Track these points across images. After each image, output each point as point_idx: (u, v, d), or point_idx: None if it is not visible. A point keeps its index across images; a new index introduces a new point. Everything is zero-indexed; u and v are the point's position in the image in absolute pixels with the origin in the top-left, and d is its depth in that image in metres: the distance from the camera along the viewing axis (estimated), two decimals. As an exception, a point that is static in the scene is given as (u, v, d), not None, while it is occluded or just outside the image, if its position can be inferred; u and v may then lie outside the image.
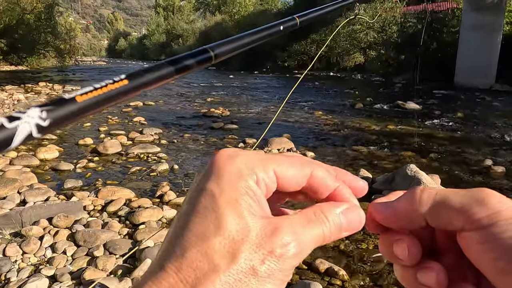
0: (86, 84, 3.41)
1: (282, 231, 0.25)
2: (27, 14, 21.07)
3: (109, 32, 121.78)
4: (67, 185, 3.67)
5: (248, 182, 0.26)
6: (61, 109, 0.22)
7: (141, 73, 0.29)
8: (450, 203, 0.26)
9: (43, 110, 0.21)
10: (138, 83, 0.28)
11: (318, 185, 0.29)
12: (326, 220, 0.27)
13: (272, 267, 0.24)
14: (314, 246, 0.26)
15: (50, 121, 0.21)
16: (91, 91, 0.24)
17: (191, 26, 46.02)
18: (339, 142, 5.65)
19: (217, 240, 0.23)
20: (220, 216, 0.24)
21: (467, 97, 11.16)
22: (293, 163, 0.28)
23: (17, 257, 2.35)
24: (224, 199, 0.25)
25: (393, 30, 19.55)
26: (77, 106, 0.23)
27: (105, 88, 0.25)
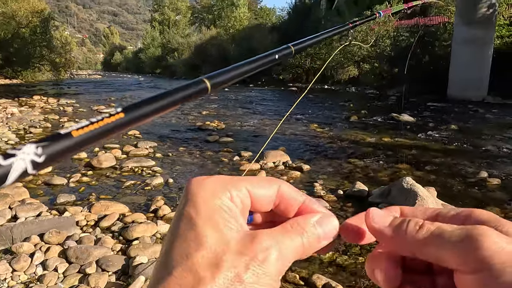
0: (81, 98, 3.38)
1: (261, 238, 0.26)
2: (22, 28, 21.13)
3: (104, 46, 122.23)
4: (60, 200, 3.61)
5: (222, 199, 0.27)
6: (56, 145, 0.23)
7: (137, 105, 0.29)
8: (444, 241, 0.25)
9: (38, 147, 0.22)
10: (134, 116, 0.28)
11: (287, 199, 0.31)
12: (303, 231, 0.28)
13: (257, 272, 0.24)
14: (295, 256, 0.27)
15: (46, 157, 0.22)
16: (87, 126, 0.24)
17: (187, 40, 46.34)
18: (334, 155, 5.65)
19: (200, 255, 0.24)
20: (199, 234, 0.25)
21: (460, 109, 11.26)
22: (261, 181, 0.31)
23: (7, 275, 2.29)
24: (201, 218, 0.26)
25: (386, 44, 19.81)
26: (73, 141, 0.23)
27: (101, 122, 0.25)
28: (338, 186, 4.12)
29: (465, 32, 13.80)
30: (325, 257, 2.64)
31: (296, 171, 4.68)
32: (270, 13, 40.67)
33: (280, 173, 4.60)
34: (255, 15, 40.38)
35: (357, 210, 3.42)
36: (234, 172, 4.66)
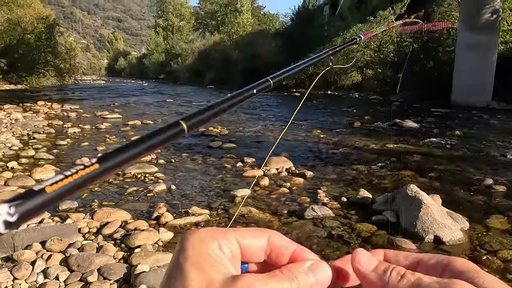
0: (85, 103, 3.38)
1: (245, 277, 0.27)
2: (27, 34, 21.31)
3: (109, 51, 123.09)
4: (62, 207, 3.60)
5: (210, 247, 0.29)
6: (30, 202, 0.22)
7: (113, 154, 0.29)
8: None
9: (11, 206, 0.21)
10: (109, 165, 0.28)
11: (278, 247, 0.32)
12: (293, 277, 0.29)
13: None
14: None
15: (19, 215, 0.21)
16: (61, 180, 0.24)
17: (190, 46, 46.57)
18: (338, 161, 5.62)
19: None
20: (185, 277, 0.27)
21: (464, 115, 11.21)
22: (251, 231, 0.32)
23: (8, 283, 2.27)
24: (188, 263, 0.27)
25: (390, 49, 19.82)
26: (46, 197, 0.23)
27: (75, 175, 0.25)
28: (342, 193, 4.09)
29: (468, 38, 13.78)
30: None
31: (299, 178, 4.65)
32: (274, 19, 40.83)
33: (283, 180, 4.58)
34: (258, 21, 40.56)
35: (361, 218, 3.39)
36: (237, 179, 4.64)
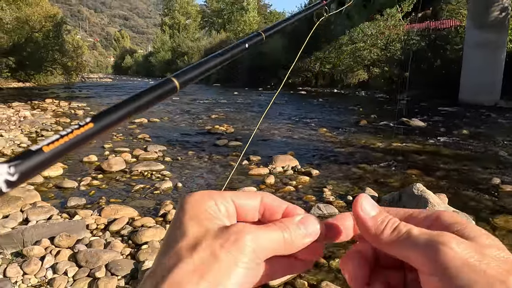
0: (92, 101, 3.42)
1: (237, 224, 0.29)
2: (35, 32, 21.47)
3: (115, 49, 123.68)
4: (71, 203, 3.65)
5: (207, 204, 0.31)
6: (28, 162, 0.23)
7: (106, 113, 0.30)
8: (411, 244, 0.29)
9: (10, 166, 0.22)
10: (103, 124, 0.29)
11: (271, 206, 0.34)
12: (286, 227, 0.31)
13: (231, 251, 0.27)
14: (274, 248, 0.30)
15: (19, 175, 0.22)
16: (57, 140, 0.25)
17: (196, 44, 46.63)
18: (344, 160, 5.61)
19: (184, 242, 0.28)
20: (184, 228, 0.29)
21: (472, 114, 11.11)
22: (245, 192, 0.34)
23: (18, 278, 2.31)
24: (187, 217, 0.30)
25: (397, 48, 19.68)
26: (44, 156, 0.24)
27: (71, 135, 0.26)
28: (348, 191, 4.09)
29: (477, 36, 13.65)
30: (334, 264, 2.62)
31: (305, 176, 4.66)
32: (280, 17, 40.74)
33: (288, 178, 4.59)
34: (264, 19, 40.50)
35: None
36: (243, 176, 4.65)
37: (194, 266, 0.26)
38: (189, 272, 0.26)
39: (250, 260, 0.27)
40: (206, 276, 0.26)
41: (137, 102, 0.33)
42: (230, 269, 0.26)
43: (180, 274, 0.26)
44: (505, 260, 0.27)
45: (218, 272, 0.26)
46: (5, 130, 7.38)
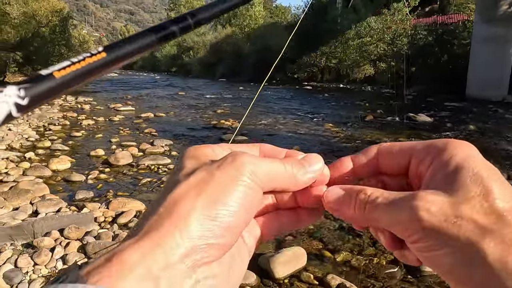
0: (98, 96, 3.44)
1: (235, 151, 0.29)
2: (42, 27, 21.57)
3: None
4: (79, 196, 3.69)
5: (205, 151, 0.31)
6: (39, 86, 0.21)
7: (120, 44, 0.28)
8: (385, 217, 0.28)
9: (20, 88, 0.20)
10: (117, 55, 0.27)
11: (270, 153, 0.33)
12: (287, 162, 0.30)
13: (228, 170, 0.26)
14: (278, 178, 0.29)
15: (29, 99, 0.21)
16: (69, 66, 0.23)
17: (202, 39, 46.54)
18: (349, 155, 5.60)
19: (181, 173, 0.28)
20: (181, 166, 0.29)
21: (479, 109, 11.03)
22: (243, 144, 0.33)
23: (29, 268, 2.36)
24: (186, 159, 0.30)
25: (403, 42, 19.52)
26: (55, 82, 0.22)
27: (83, 62, 0.24)
28: (353, 186, 4.09)
29: (485, 30, 13.50)
30: (339, 258, 2.64)
31: (311, 171, 4.67)
32: (286, 12, 40.53)
33: (294, 173, 4.60)
34: (270, 14, 40.30)
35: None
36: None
37: (190, 185, 0.26)
38: (186, 190, 0.25)
39: (249, 179, 0.26)
40: (203, 192, 0.25)
41: (152, 35, 0.31)
42: (228, 186, 0.26)
43: (177, 194, 0.25)
44: (485, 212, 0.25)
45: (216, 188, 0.25)
46: (13, 124, 7.45)
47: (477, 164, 0.27)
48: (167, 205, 0.25)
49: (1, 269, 2.30)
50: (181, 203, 0.25)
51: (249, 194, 0.26)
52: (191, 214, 0.24)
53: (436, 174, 0.28)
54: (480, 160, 0.28)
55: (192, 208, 0.24)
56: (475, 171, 0.27)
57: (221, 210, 0.25)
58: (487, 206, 0.25)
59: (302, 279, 2.38)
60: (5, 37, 20.10)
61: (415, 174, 0.31)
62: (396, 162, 0.33)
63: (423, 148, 0.31)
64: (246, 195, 0.26)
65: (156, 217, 0.24)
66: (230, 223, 0.25)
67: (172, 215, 0.24)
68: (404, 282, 2.35)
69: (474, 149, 0.30)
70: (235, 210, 0.25)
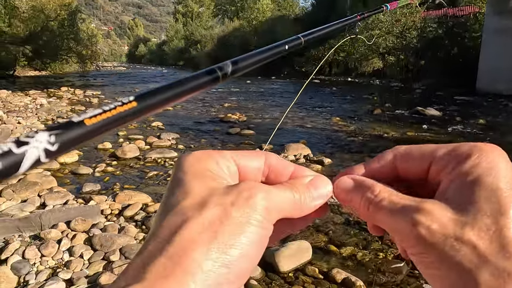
0: (106, 89, 3.45)
1: (247, 181, 0.27)
2: (51, 21, 21.69)
3: (129, 38, 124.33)
4: (86, 189, 3.72)
5: (208, 163, 0.28)
6: (69, 133, 0.22)
7: (150, 94, 0.28)
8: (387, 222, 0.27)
9: (51, 134, 0.21)
10: (147, 105, 0.27)
11: (276, 168, 0.31)
12: (296, 188, 0.28)
13: (243, 208, 0.25)
14: (286, 208, 0.27)
15: (59, 145, 0.21)
16: (100, 114, 0.24)
17: (210, 32, 46.47)
18: (357, 149, 5.57)
19: (187, 202, 0.25)
20: (187, 187, 0.26)
21: (489, 103, 10.87)
22: (247, 152, 0.31)
23: (36, 259, 2.39)
24: (188, 176, 0.27)
25: (413, 35, 19.28)
26: (85, 130, 0.23)
27: (114, 111, 0.25)
28: (360, 180, 4.07)
29: (497, 22, 13.27)
30: (345, 252, 2.63)
31: (317, 165, 4.65)
32: (294, 5, 40.21)
33: (301, 166, 4.59)
34: (278, 7, 40.00)
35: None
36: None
37: (203, 226, 0.24)
38: (199, 231, 0.23)
39: (263, 218, 0.25)
40: (218, 235, 0.23)
41: (180, 87, 0.32)
42: (243, 228, 0.24)
43: (189, 235, 0.23)
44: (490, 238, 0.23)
45: (231, 231, 0.24)
46: (22, 118, 7.53)
47: (499, 179, 0.25)
48: (178, 247, 0.23)
49: (9, 260, 2.33)
50: (194, 248, 0.23)
51: (264, 235, 0.25)
52: (205, 262, 0.22)
53: (452, 185, 0.26)
54: (505, 173, 0.25)
55: (207, 255, 0.23)
56: (493, 187, 0.24)
57: (237, 257, 0.23)
58: (495, 230, 0.23)
59: (307, 273, 2.38)
60: (15, 31, 20.26)
61: (434, 181, 0.29)
62: (415, 167, 0.30)
63: (444, 154, 0.28)
64: (261, 236, 0.25)
65: (165, 260, 0.22)
66: (245, 269, 0.24)
67: (184, 261, 0.22)
68: (410, 277, 2.33)
69: (502, 158, 0.26)
70: (250, 254, 0.24)
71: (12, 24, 20.22)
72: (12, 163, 0.19)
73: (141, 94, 0.28)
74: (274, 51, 0.53)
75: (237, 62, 0.42)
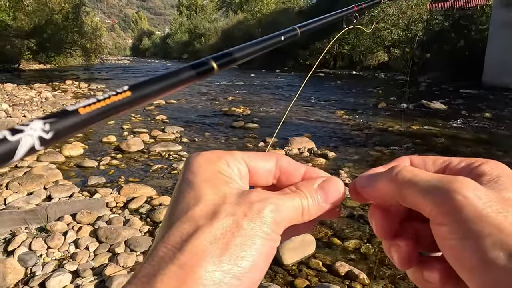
0: (111, 83, 3.46)
1: (258, 191, 0.27)
2: (55, 14, 21.70)
3: (133, 31, 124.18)
4: (91, 182, 3.75)
5: (219, 165, 0.28)
6: (63, 121, 0.22)
7: (144, 84, 0.28)
8: (418, 190, 0.25)
9: (46, 123, 0.21)
10: (141, 95, 0.28)
11: (288, 170, 0.30)
12: (303, 194, 0.28)
13: (254, 220, 0.25)
14: (295, 216, 0.27)
15: (53, 133, 0.21)
16: (94, 103, 0.24)
17: (214, 25, 46.31)
18: (361, 142, 5.56)
19: (198, 208, 0.25)
20: (197, 192, 0.26)
21: (495, 97, 10.78)
22: (259, 154, 0.30)
23: (42, 251, 2.42)
24: (199, 180, 0.27)
25: (419, 28, 19.08)
26: (79, 118, 0.23)
27: (108, 100, 0.25)
28: (364, 174, 4.06)
29: (504, 15, 13.10)
30: (349, 245, 2.64)
31: (321, 158, 4.64)
32: (298, -3, 39.89)
33: (305, 160, 4.58)
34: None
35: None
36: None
37: (215, 236, 0.24)
38: (210, 242, 0.23)
39: (272, 231, 0.25)
40: (230, 247, 0.23)
41: (174, 78, 0.32)
42: (253, 240, 0.24)
43: (200, 245, 0.23)
44: None
45: (242, 244, 0.24)
46: (28, 111, 7.57)
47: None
48: (189, 256, 0.23)
49: (16, 252, 2.36)
50: (206, 259, 0.23)
51: (272, 246, 0.25)
52: (217, 273, 0.23)
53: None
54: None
55: (219, 266, 0.23)
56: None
57: (248, 268, 0.24)
58: None
59: (310, 265, 2.39)
60: (19, 25, 20.30)
61: None
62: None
63: (459, 163, 0.29)
64: (270, 247, 0.25)
65: (176, 269, 0.22)
66: (255, 279, 0.24)
67: (196, 271, 0.22)
68: (414, 270, 2.33)
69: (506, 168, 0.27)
70: (260, 265, 0.24)
71: (17, 17, 20.25)
72: (7, 150, 0.19)
73: (136, 84, 0.28)
74: (270, 42, 0.54)
75: (232, 53, 0.43)
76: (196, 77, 0.34)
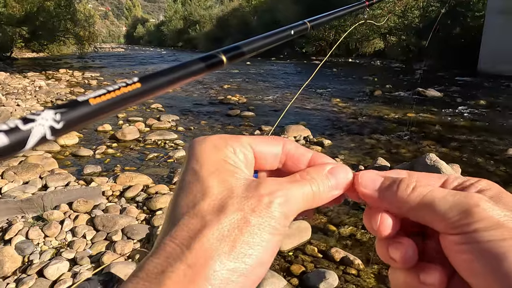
0: (105, 71, 3.43)
1: (267, 183, 0.26)
2: (47, 1, 21.33)
3: (127, 18, 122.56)
4: (87, 171, 3.74)
5: (225, 152, 0.27)
6: (74, 112, 0.22)
7: (153, 76, 0.29)
8: (435, 206, 0.26)
9: (57, 113, 0.21)
10: (150, 87, 0.28)
11: (294, 155, 0.30)
12: (314, 180, 0.28)
13: (263, 215, 0.24)
14: (304, 204, 0.27)
15: (64, 123, 0.21)
16: (104, 94, 0.24)
17: (208, 12, 45.77)
18: (356, 130, 5.57)
19: (206, 203, 0.25)
20: (204, 185, 0.26)
21: (491, 84, 10.80)
22: (265, 138, 0.30)
23: (39, 240, 2.42)
24: (205, 171, 0.26)
25: (415, 15, 18.98)
26: (90, 109, 0.23)
27: (118, 91, 0.25)
28: (360, 161, 4.09)
29: (500, 2, 13.04)
30: (344, 231, 2.67)
31: (317, 146, 4.66)
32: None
33: (300, 148, 4.60)
34: (278, -14, 39.24)
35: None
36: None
37: (222, 234, 0.23)
38: (218, 240, 0.23)
39: (281, 226, 0.25)
40: (237, 245, 0.23)
41: (183, 70, 0.32)
42: (261, 236, 0.24)
43: (208, 243, 0.23)
44: None
45: (249, 240, 0.24)
46: (21, 100, 7.50)
47: None
48: (198, 254, 0.23)
49: (13, 241, 2.37)
50: (214, 257, 0.23)
51: (279, 240, 0.26)
52: (225, 272, 0.23)
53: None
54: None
55: (227, 265, 0.23)
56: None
57: (254, 266, 0.24)
58: None
59: (306, 252, 2.42)
60: (11, 12, 19.95)
61: None
62: None
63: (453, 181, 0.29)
64: (276, 242, 0.25)
65: (184, 267, 0.23)
66: (260, 274, 0.25)
67: (205, 270, 0.23)
68: (408, 255, 2.37)
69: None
70: (266, 261, 0.25)
71: (8, 4, 19.89)
72: (19, 139, 0.20)
73: (146, 75, 0.28)
74: (279, 35, 0.53)
75: (241, 46, 0.43)
76: (205, 70, 0.35)
